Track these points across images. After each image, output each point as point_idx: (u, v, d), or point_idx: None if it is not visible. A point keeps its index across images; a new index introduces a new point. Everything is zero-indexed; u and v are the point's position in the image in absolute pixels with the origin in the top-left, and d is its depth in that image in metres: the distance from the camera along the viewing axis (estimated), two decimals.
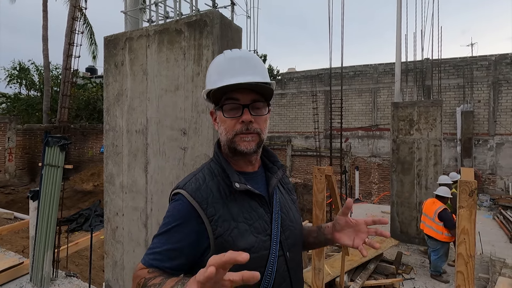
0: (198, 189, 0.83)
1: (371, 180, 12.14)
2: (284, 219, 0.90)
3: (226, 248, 0.77)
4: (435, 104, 5.85)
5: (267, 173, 0.95)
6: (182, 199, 0.83)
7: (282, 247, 0.87)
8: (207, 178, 0.87)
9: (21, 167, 11.25)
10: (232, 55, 0.87)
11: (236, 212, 0.83)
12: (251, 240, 0.82)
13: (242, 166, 0.90)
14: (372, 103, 12.27)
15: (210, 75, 0.89)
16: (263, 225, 0.85)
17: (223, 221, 0.81)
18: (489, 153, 10.45)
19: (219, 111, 0.87)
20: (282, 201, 0.94)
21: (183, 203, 0.82)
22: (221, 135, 0.88)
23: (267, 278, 0.83)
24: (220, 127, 0.87)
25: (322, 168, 1.87)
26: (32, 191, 3.46)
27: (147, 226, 2.05)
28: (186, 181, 0.87)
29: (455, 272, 1.51)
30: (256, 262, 0.82)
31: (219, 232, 0.80)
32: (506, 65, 10.31)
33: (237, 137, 0.84)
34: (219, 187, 0.85)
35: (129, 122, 2.13)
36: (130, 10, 2.39)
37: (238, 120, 0.83)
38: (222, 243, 0.80)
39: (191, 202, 0.81)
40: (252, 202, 0.86)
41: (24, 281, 3.58)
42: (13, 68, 15.75)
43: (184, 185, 0.85)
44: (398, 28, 7.37)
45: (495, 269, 4.28)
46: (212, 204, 0.81)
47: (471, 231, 1.46)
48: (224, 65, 0.86)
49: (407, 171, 6.00)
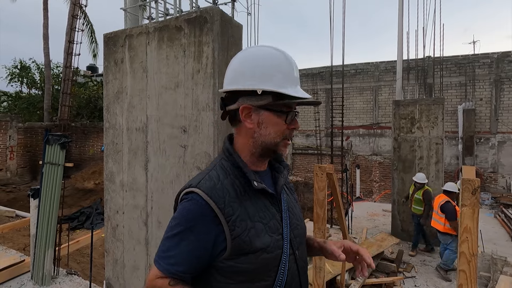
0: (214, 188, 0.80)
1: (372, 179, 12.12)
2: (291, 218, 0.91)
3: (243, 249, 0.78)
4: (436, 102, 5.82)
5: (274, 172, 0.95)
6: (196, 198, 0.79)
7: (292, 245, 0.88)
8: (221, 176, 0.83)
9: (23, 165, 11.29)
10: (291, 59, 0.86)
11: (252, 212, 0.82)
12: (267, 240, 0.81)
13: (257, 165, 0.90)
14: (373, 101, 12.23)
15: (270, 73, 0.82)
16: (276, 224, 0.85)
17: (240, 221, 0.79)
18: (491, 152, 10.41)
19: (270, 113, 0.83)
20: (288, 200, 0.95)
21: (198, 203, 0.78)
22: (262, 135, 0.85)
23: (280, 277, 0.83)
24: (266, 128, 0.84)
25: (323, 166, 1.85)
26: (33, 189, 3.46)
27: (148, 224, 2.04)
28: (199, 179, 0.83)
29: (457, 271, 1.49)
30: (272, 262, 0.82)
31: (237, 233, 0.78)
32: (508, 63, 10.25)
33: (283, 142, 0.86)
34: (234, 186, 0.83)
35: (129, 120, 2.12)
36: (129, 7, 2.38)
37: (288, 126, 0.85)
38: (239, 244, 0.78)
39: (207, 201, 0.78)
40: (266, 201, 0.86)
41: (25, 279, 3.59)
42: (14, 66, 15.76)
43: (198, 183, 0.81)
44: (400, 26, 7.32)
45: (497, 267, 4.26)
46: (229, 204, 0.79)
47: (474, 230, 1.45)
48: (287, 68, 0.84)
49: (409, 170, 5.98)
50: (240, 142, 0.89)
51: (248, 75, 0.83)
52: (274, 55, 0.85)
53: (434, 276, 4.49)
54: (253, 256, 0.78)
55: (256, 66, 0.83)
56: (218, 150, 1.75)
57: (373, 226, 6.98)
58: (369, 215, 7.95)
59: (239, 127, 0.88)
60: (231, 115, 0.88)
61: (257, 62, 0.84)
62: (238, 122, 0.87)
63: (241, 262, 0.78)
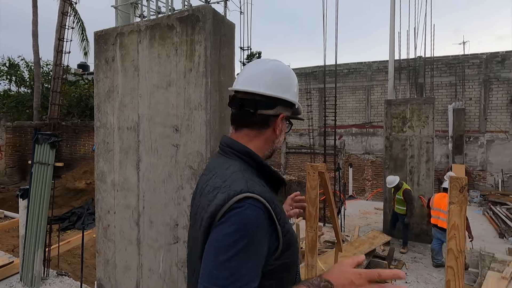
0: (264, 191, 0.78)
1: (365, 177, 12.25)
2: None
3: (290, 243, 0.82)
4: (427, 102, 5.91)
5: None
6: (254, 204, 0.72)
7: None
8: (255, 178, 0.82)
9: (11, 165, 11.06)
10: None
11: (281, 207, 0.86)
12: (294, 232, 0.88)
13: None
14: (365, 100, 12.35)
15: (296, 88, 0.98)
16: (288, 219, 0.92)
17: (284, 218, 0.81)
18: (480, 150, 10.62)
19: (286, 122, 0.95)
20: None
21: (258, 208, 0.72)
22: (278, 142, 0.95)
23: (298, 263, 0.90)
24: (281, 135, 0.95)
25: (315, 165, 1.87)
26: (22, 190, 3.40)
27: (139, 224, 2.02)
28: (243, 183, 0.76)
29: (445, 267, 1.52)
30: (298, 253, 0.88)
31: (287, 229, 0.81)
32: (496, 63, 10.47)
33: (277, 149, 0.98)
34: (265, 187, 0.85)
35: (120, 119, 2.09)
36: (120, 5, 2.35)
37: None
38: (288, 238, 0.80)
39: (265, 204, 0.74)
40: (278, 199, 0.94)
41: (14, 281, 3.53)
42: (2, 64, 15.43)
43: (249, 188, 0.75)
44: (392, 26, 7.41)
45: (485, 263, 4.36)
46: (274, 203, 0.79)
47: (461, 227, 1.48)
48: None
49: (400, 168, 6.07)
50: (254, 144, 0.90)
51: (287, 87, 0.93)
52: (293, 72, 0.98)
53: (425, 273, 4.57)
54: (294, 248, 0.83)
55: (291, 79, 0.96)
56: (211, 150, 1.75)
57: (366, 224, 7.06)
58: (361, 213, 8.04)
59: (263, 130, 0.90)
60: (259, 118, 0.89)
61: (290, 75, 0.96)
62: (265, 127, 0.90)
63: (286, 257, 0.80)
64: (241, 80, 0.93)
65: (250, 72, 0.93)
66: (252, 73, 0.92)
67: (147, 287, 2.02)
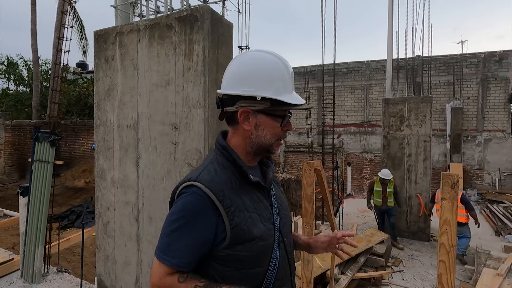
0: (213, 181, 0.84)
1: (363, 176, 12.30)
2: (280, 209, 0.98)
3: (242, 237, 0.84)
4: (425, 101, 5.95)
5: (262, 167, 1.02)
6: (197, 192, 0.82)
7: (281, 233, 0.95)
8: (218, 170, 0.88)
9: (10, 164, 11.06)
10: (290, 68, 0.91)
11: (248, 203, 0.88)
12: (262, 228, 0.88)
13: (250, 161, 0.96)
14: (364, 99, 12.39)
15: (270, 80, 0.86)
16: (268, 214, 0.92)
17: (239, 212, 0.84)
18: (477, 149, 10.67)
19: (268, 117, 0.89)
20: (276, 192, 1.02)
21: (199, 196, 0.82)
22: (258, 137, 0.90)
23: (273, 263, 0.90)
24: (262, 130, 0.90)
25: (311, 162, 1.90)
26: (22, 187, 3.42)
27: (139, 221, 2.06)
28: (197, 173, 0.87)
29: (438, 261, 1.56)
30: (266, 249, 0.89)
31: (236, 222, 0.83)
32: (494, 62, 10.51)
33: (276, 142, 0.93)
34: (230, 179, 0.88)
35: (120, 117, 2.13)
36: (120, 4, 2.37)
37: (283, 128, 0.92)
38: (238, 233, 0.83)
39: (208, 194, 0.82)
40: (258, 194, 0.93)
41: (15, 277, 3.56)
42: (1, 62, 15.39)
43: (197, 177, 0.85)
44: (390, 26, 7.44)
45: (480, 260, 4.41)
46: (228, 196, 0.84)
47: (453, 222, 1.52)
48: (287, 77, 0.89)
49: (398, 167, 6.11)
50: (235, 141, 0.94)
51: (248, 81, 0.86)
52: (272, 61, 0.89)
53: (421, 270, 4.62)
54: (250, 244, 0.84)
55: (255, 72, 0.87)
56: (209, 147, 1.78)
57: (364, 222, 7.11)
58: (359, 211, 8.08)
59: (236, 127, 0.93)
60: (229, 116, 0.93)
61: (256, 67, 0.87)
62: (236, 123, 0.92)
63: (239, 250, 0.84)
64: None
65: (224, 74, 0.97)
66: (224, 75, 0.96)
67: (147, 282, 2.06)
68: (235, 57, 0.96)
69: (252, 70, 0.87)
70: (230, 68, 0.92)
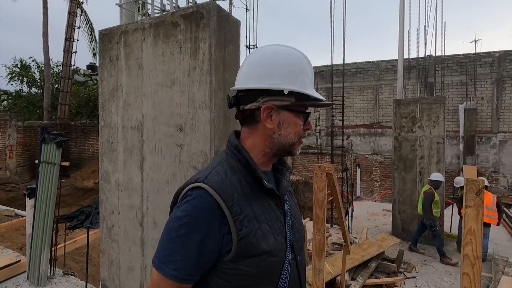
0: (222, 184, 0.75)
1: (373, 178, 12.07)
2: (293, 222, 0.89)
3: (249, 251, 0.74)
4: (437, 101, 5.76)
5: (276, 174, 0.91)
6: (203, 195, 0.73)
7: (294, 250, 0.85)
8: (229, 172, 0.79)
9: (22, 164, 11.26)
10: (309, 60, 0.86)
11: (259, 212, 0.78)
12: (272, 242, 0.78)
13: (264, 165, 0.86)
14: (374, 100, 12.17)
15: (298, 73, 0.81)
16: (280, 227, 0.82)
17: (248, 221, 0.74)
18: (492, 151, 10.35)
19: (291, 113, 0.83)
20: (290, 203, 0.92)
21: (206, 200, 0.72)
22: (282, 136, 0.83)
23: (283, 282, 0.80)
24: (287, 128, 0.83)
25: (322, 166, 1.81)
26: (29, 189, 3.42)
27: (143, 225, 2.00)
28: (206, 174, 0.77)
29: (461, 274, 1.45)
30: (276, 266, 0.79)
31: (244, 233, 0.73)
32: (510, 62, 10.19)
33: (298, 142, 0.85)
34: (241, 184, 0.78)
35: (124, 118, 2.07)
36: (125, 3, 2.33)
37: (304, 127, 0.86)
38: (245, 245, 0.73)
39: (215, 198, 0.72)
40: (271, 203, 0.83)
41: (21, 280, 3.55)
42: (15, 65, 15.72)
43: (206, 178, 0.75)
44: (401, 25, 7.26)
45: (498, 268, 4.23)
46: (237, 202, 0.74)
47: (478, 232, 1.40)
48: (309, 70, 0.85)
49: (409, 169, 5.93)
50: (251, 141, 0.84)
51: (272, 74, 0.80)
52: (295, 55, 0.84)
53: (435, 277, 4.45)
54: (259, 259, 0.74)
55: (280, 65, 0.80)
56: (215, 149, 1.71)
57: (374, 225, 6.93)
58: (369, 214, 7.90)
59: (255, 126, 0.84)
60: (246, 114, 0.84)
61: (280, 61, 0.81)
62: (254, 122, 0.83)
63: (245, 265, 0.74)
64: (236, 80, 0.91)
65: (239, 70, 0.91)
66: (239, 70, 0.89)
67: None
68: (253, 52, 0.90)
69: (276, 64, 0.81)
70: (249, 62, 0.85)
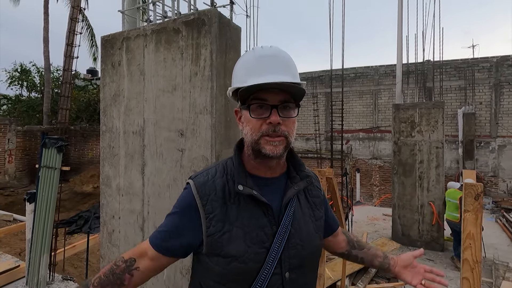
0: (204, 184, 0.83)
1: (372, 182, 12.07)
2: (292, 236, 0.82)
3: (215, 249, 0.78)
4: (436, 106, 5.80)
5: (288, 182, 0.87)
6: (188, 189, 0.84)
7: (282, 265, 0.80)
8: (218, 174, 0.85)
9: (21, 169, 11.23)
10: (262, 53, 0.80)
11: (233, 216, 0.79)
12: (241, 248, 0.77)
13: (260, 170, 0.85)
14: (373, 105, 12.23)
15: (237, 73, 0.84)
16: (261, 236, 0.79)
17: (217, 221, 0.78)
18: (491, 155, 10.38)
19: (245, 111, 0.81)
20: (297, 215, 0.85)
21: (189, 193, 0.83)
22: (245, 135, 0.82)
23: None
24: (246, 127, 0.81)
25: (322, 170, 1.82)
26: (29, 194, 3.42)
27: (144, 230, 2.00)
28: (200, 172, 0.88)
29: (461, 279, 1.45)
30: (244, 274, 0.77)
31: (211, 231, 0.78)
32: (508, 67, 10.26)
33: (263, 139, 0.78)
34: (224, 186, 0.82)
35: (125, 123, 2.09)
36: (127, 10, 2.36)
37: (265, 121, 0.77)
38: (212, 243, 0.79)
39: (194, 194, 0.82)
40: (257, 210, 0.80)
41: (20, 285, 3.54)
42: (15, 70, 15.75)
43: (196, 176, 0.86)
44: (399, 30, 7.34)
45: (499, 273, 4.22)
46: (211, 202, 0.80)
47: (477, 236, 1.41)
48: (253, 63, 0.80)
49: (409, 173, 5.94)
50: (245, 145, 0.87)
51: (232, 80, 0.88)
52: (245, 56, 0.85)
53: None
54: (224, 261, 0.77)
55: (236, 69, 0.87)
56: (216, 154, 1.72)
57: (374, 230, 6.92)
58: (369, 219, 7.89)
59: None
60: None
61: (237, 65, 0.87)
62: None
63: (213, 263, 0.79)
64: None
65: None
66: None
67: None
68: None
69: (235, 69, 0.88)
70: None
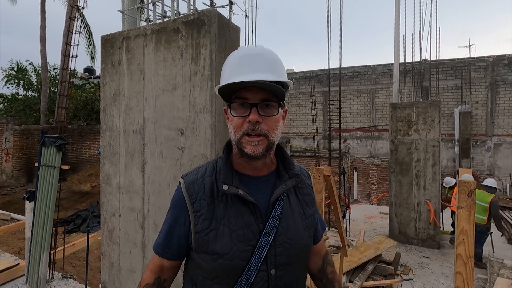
0: (194, 182, 0.85)
1: (370, 181, 12.14)
2: (280, 233, 0.82)
3: (201, 246, 0.82)
4: (433, 105, 5.85)
5: (277, 180, 0.88)
6: (179, 188, 0.87)
7: (267, 262, 0.80)
8: (207, 173, 0.87)
9: (18, 168, 11.19)
10: (246, 52, 0.81)
11: (220, 214, 0.81)
12: (227, 246, 0.79)
13: (246, 169, 0.86)
14: (370, 104, 12.29)
15: (223, 72, 0.84)
16: (247, 234, 0.80)
17: (204, 219, 0.81)
18: (487, 154, 10.48)
19: (229, 109, 0.82)
20: (286, 213, 0.85)
21: (179, 192, 0.87)
22: (230, 134, 0.83)
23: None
24: (230, 125, 0.82)
25: (320, 168, 1.85)
26: (28, 192, 3.43)
27: (144, 227, 2.03)
28: (190, 171, 0.91)
29: (454, 273, 1.50)
30: (230, 271, 0.79)
31: (198, 229, 0.81)
32: (503, 66, 10.35)
33: (244, 139, 0.78)
34: (213, 185, 0.84)
35: (126, 122, 2.11)
36: (127, 9, 2.38)
37: (245, 120, 0.78)
38: (199, 240, 0.82)
39: (183, 192, 0.85)
40: (243, 208, 0.81)
41: (20, 283, 3.55)
42: (11, 68, 15.67)
43: (187, 175, 0.89)
44: (397, 29, 7.38)
45: (494, 269, 4.28)
46: (199, 200, 0.83)
47: (470, 232, 1.45)
48: (236, 62, 0.80)
49: (406, 172, 6.00)
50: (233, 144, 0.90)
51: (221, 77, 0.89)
52: (231, 56, 0.84)
53: (432, 279, 4.49)
54: (210, 258, 0.80)
55: (222, 70, 0.87)
56: (215, 153, 1.75)
57: (371, 228, 6.98)
58: (366, 217, 7.95)
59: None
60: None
61: (223, 66, 0.88)
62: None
63: (201, 259, 0.82)
64: None
65: None
66: None
67: None
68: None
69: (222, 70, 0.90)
70: None
